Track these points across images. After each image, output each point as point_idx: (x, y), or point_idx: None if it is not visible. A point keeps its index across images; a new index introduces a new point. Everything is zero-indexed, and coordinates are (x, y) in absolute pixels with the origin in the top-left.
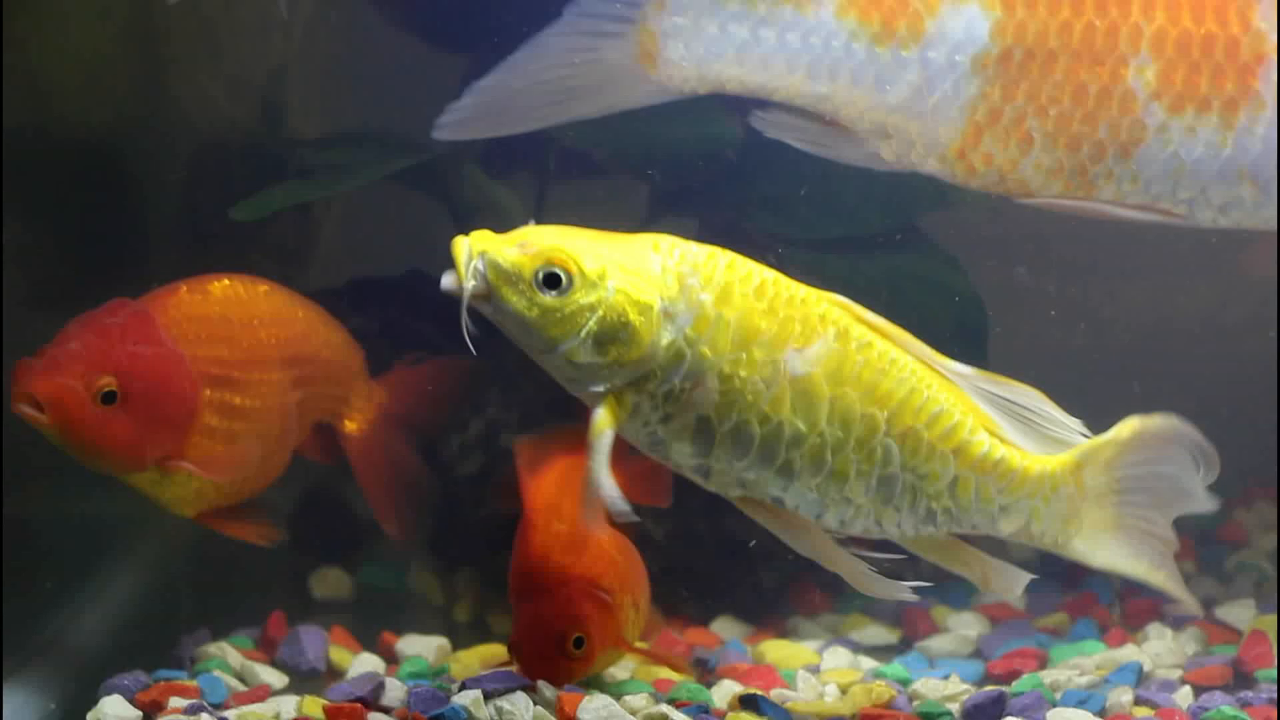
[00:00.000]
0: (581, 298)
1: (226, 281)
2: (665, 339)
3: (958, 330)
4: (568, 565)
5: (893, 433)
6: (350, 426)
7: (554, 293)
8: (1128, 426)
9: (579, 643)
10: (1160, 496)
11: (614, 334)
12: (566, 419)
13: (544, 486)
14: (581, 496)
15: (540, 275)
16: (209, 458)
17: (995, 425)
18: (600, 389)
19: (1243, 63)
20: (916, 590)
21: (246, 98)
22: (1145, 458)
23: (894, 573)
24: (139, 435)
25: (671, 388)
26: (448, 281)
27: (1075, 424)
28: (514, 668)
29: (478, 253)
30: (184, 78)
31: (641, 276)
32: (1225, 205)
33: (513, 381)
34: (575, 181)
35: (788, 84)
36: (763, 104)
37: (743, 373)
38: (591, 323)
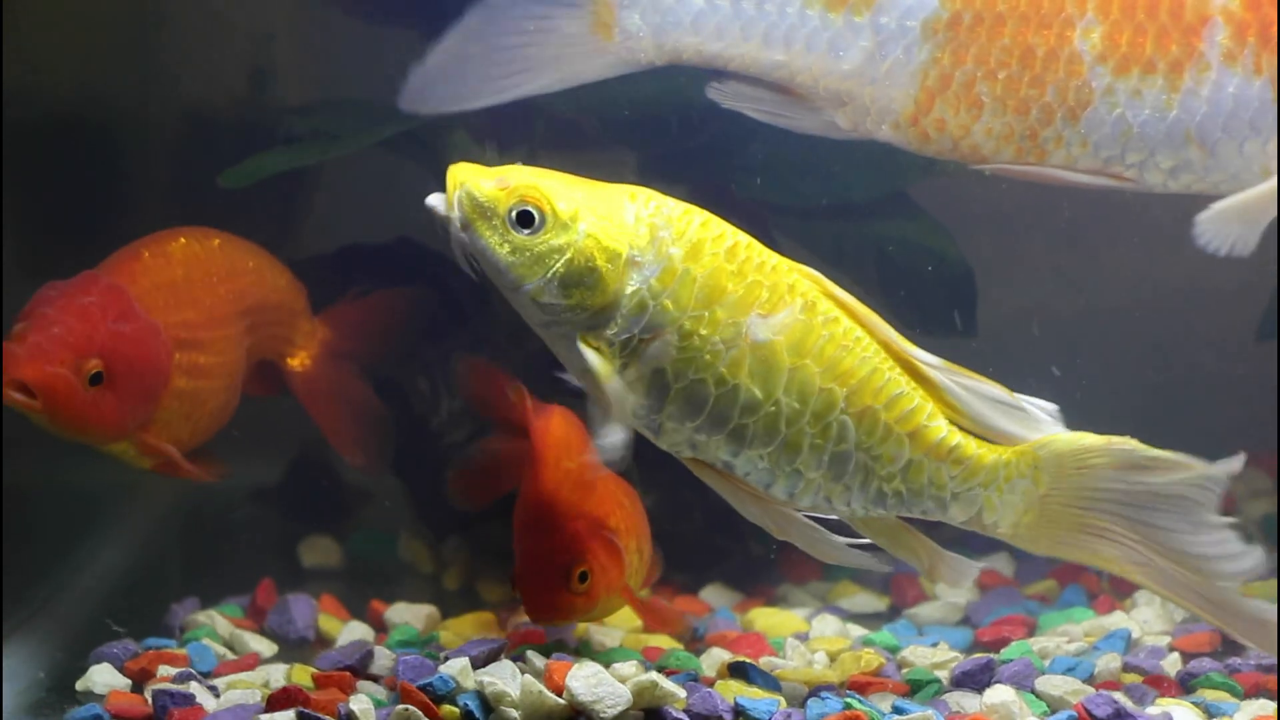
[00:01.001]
0: (552, 238)
1: (183, 240)
2: (630, 288)
3: (947, 297)
4: (576, 502)
5: (850, 410)
6: (294, 363)
7: (526, 231)
8: (1092, 437)
9: (583, 577)
10: (1121, 507)
11: (579, 278)
12: (554, 389)
13: (553, 425)
14: (598, 446)
15: (514, 212)
16: (179, 436)
17: (957, 412)
18: (561, 332)
19: (1187, 24)
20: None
21: (235, 65)
22: (1106, 470)
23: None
24: (122, 410)
25: (630, 337)
26: (433, 200)
27: (1049, 410)
28: (515, 594)
29: (459, 184)
30: (173, 46)
31: (613, 223)
32: (1174, 169)
33: (502, 350)
34: (564, 148)
35: (743, 52)
36: (720, 75)
37: (703, 331)
38: (559, 264)
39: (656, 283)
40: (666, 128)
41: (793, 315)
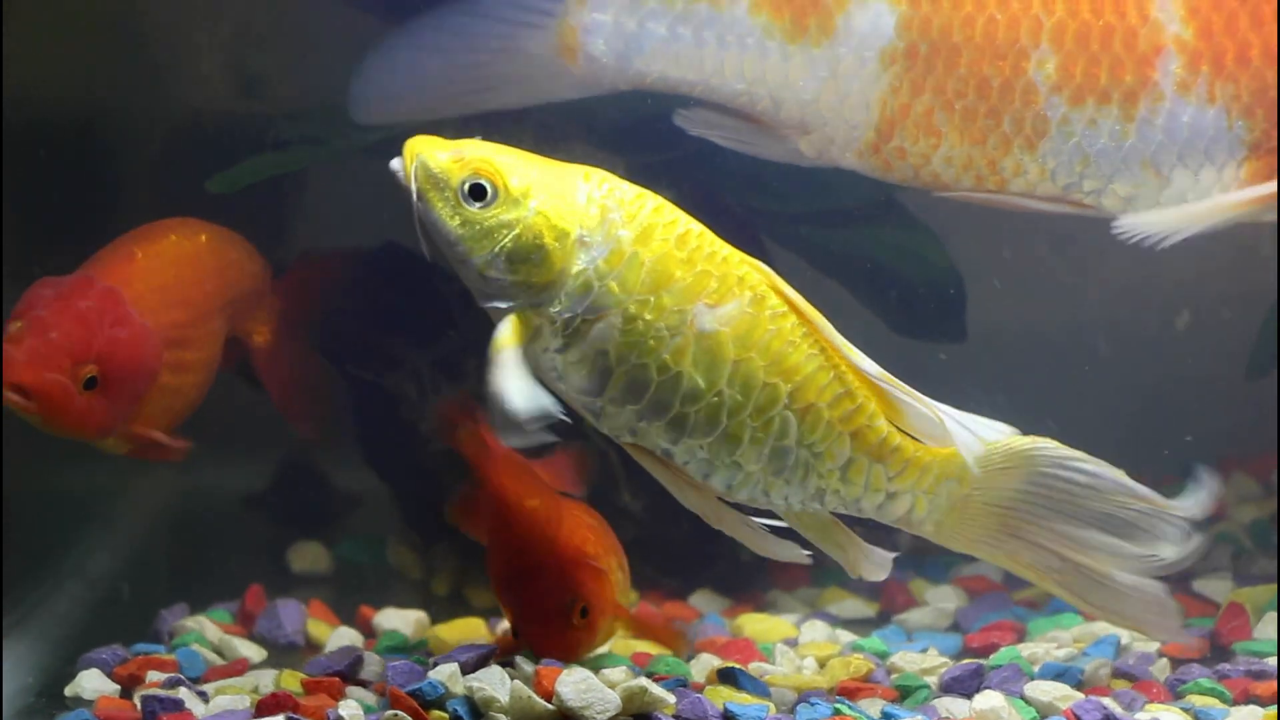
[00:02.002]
0: (502, 213)
1: (173, 238)
2: (576, 267)
3: (936, 303)
4: (551, 539)
5: (794, 406)
6: (259, 340)
7: (477, 204)
8: (1026, 439)
9: (583, 612)
10: (1040, 509)
11: (526, 254)
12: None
13: (503, 470)
14: (490, 415)
15: (466, 185)
16: (158, 425)
17: (898, 413)
18: (504, 305)
19: (1141, 54)
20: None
21: (225, 70)
22: (1027, 471)
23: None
24: (113, 411)
25: (573, 316)
26: (394, 165)
27: (1000, 428)
28: (519, 653)
29: (415, 155)
30: (163, 51)
31: (565, 202)
32: (1131, 196)
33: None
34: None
35: (705, 80)
36: (687, 101)
37: (648, 316)
38: (507, 240)
39: (604, 264)
40: (656, 133)
41: (740, 307)
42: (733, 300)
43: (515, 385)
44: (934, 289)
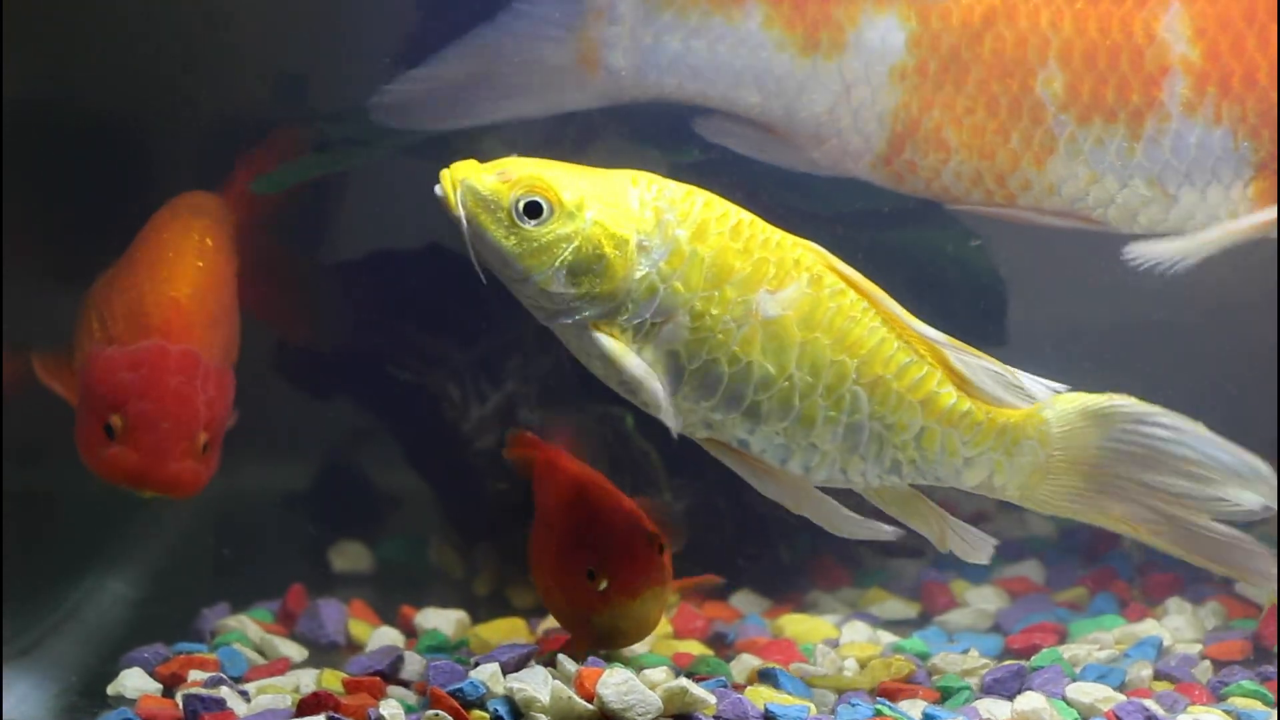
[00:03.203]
0: (559, 228)
1: (190, 253)
2: (639, 273)
3: (977, 306)
4: (615, 492)
5: (862, 380)
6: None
7: (532, 222)
8: (1104, 396)
9: (661, 548)
10: (1124, 462)
11: (588, 266)
12: (583, 393)
13: (564, 448)
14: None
15: (520, 204)
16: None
17: (962, 381)
18: (570, 321)
19: (1147, 74)
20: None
21: (264, 71)
22: (1124, 430)
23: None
24: (217, 455)
25: (642, 321)
26: (440, 192)
27: (1055, 387)
28: (600, 586)
29: (459, 181)
30: (202, 53)
31: (619, 210)
32: (1138, 212)
33: (531, 355)
34: (592, 155)
35: (720, 92)
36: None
37: (714, 311)
38: (567, 253)
39: (665, 266)
40: (694, 135)
41: (800, 289)
42: (792, 283)
43: (645, 372)
44: (974, 291)
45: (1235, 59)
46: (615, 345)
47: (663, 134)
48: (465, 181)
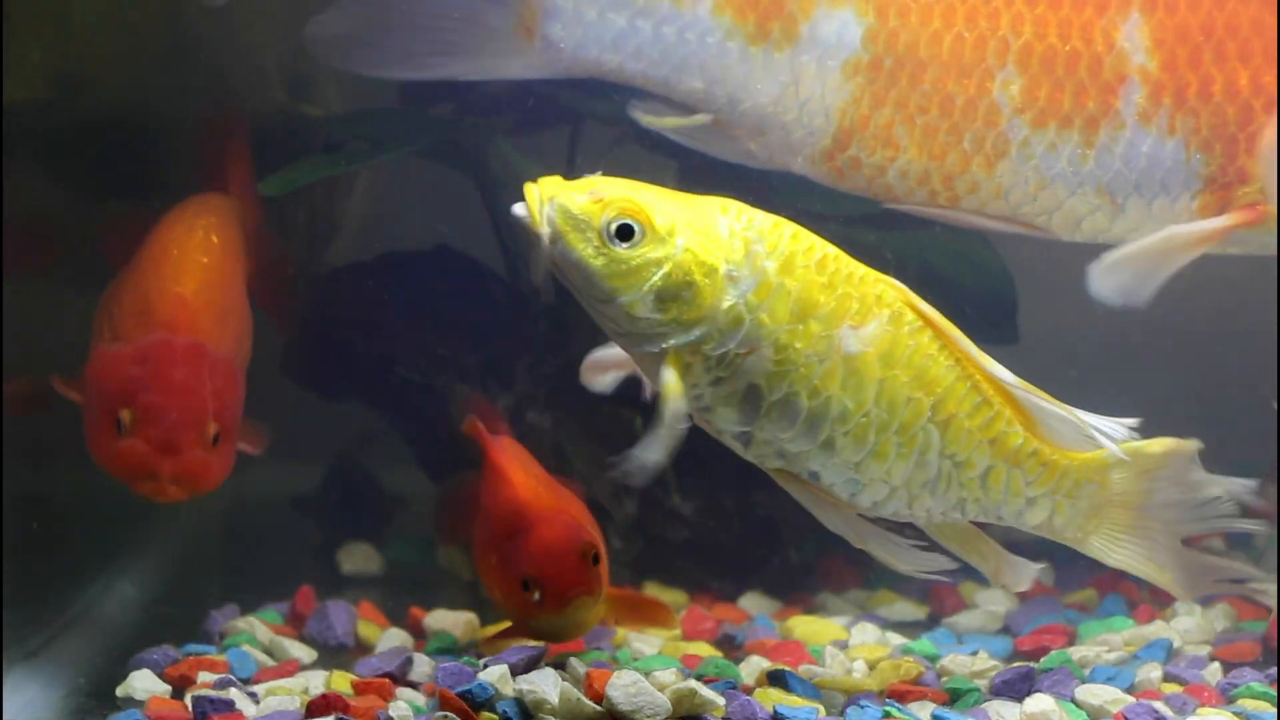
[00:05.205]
0: (650, 251)
1: (205, 261)
2: (726, 303)
3: (987, 306)
4: (558, 499)
5: (936, 418)
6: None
7: (624, 244)
8: (1162, 442)
9: (595, 558)
10: (1184, 512)
11: (677, 292)
12: (592, 395)
13: (508, 447)
14: (637, 460)
15: (612, 225)
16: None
17: (1031, 420)
18: (652, 348)
19: (1105, 81)
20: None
21: (273, 72)
22: (1173, 474)
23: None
24: (230, 449)
25: (726, 352)
26: (519, 210)
27: (1125, 425)
28: (533, 596)
29: (547, 198)
30: (212, 52)
31: (709, 238)
32: (1082, 219)
33: (540, 357)
34: (603, 156)
35: (662, 76)
36: (642, 94)
37: (798, 344)
38: (656, 278)
39: (753, 297)
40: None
41: (881, 326)
42: (874, 320)
43: (668, 445)
44: (986, 291)
45: (1192, 71)
46: (674, 381)
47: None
48: (556, 200)
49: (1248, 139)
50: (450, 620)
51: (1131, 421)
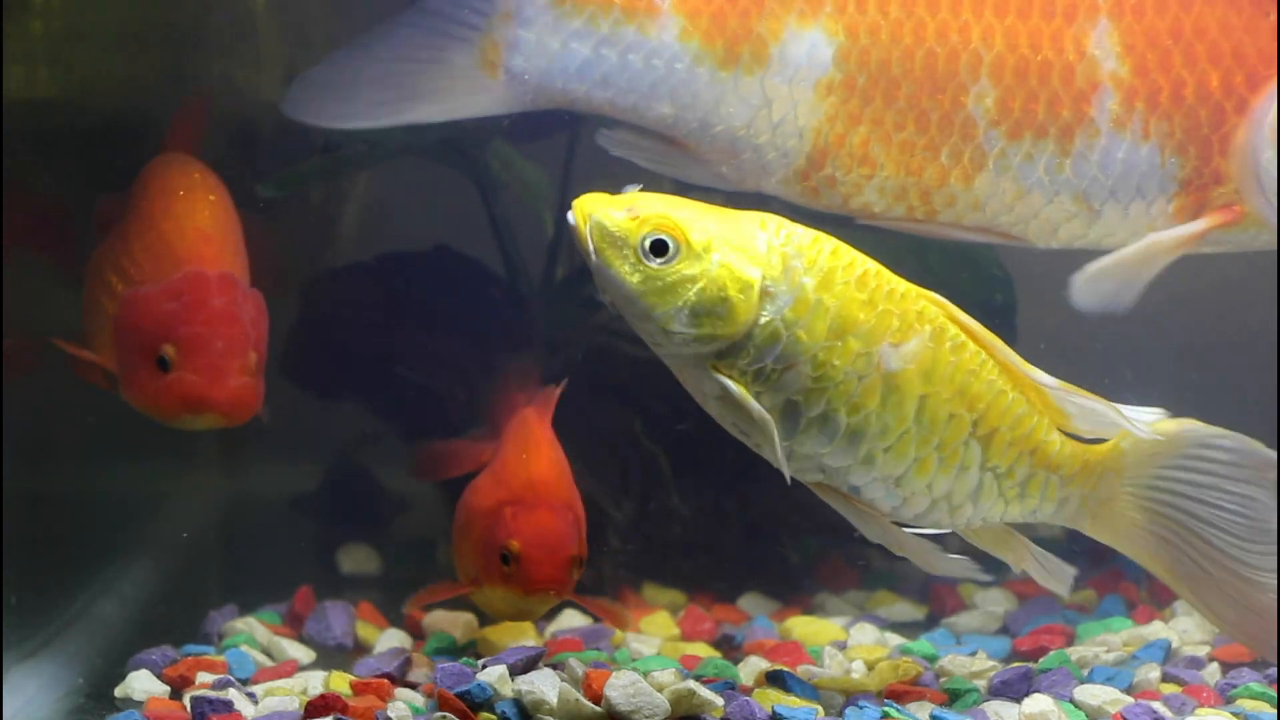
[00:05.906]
0: (685, 268)
1: (213, 198)
2: (763, 319)
3: (986, 305)
4: (571, 496)
5: (978, 434)
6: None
7: (659, 260)
8: (1175, 424)
9: (579, 565)
10: (1185, 499)
11: (711, 308)
12: (601, 396)
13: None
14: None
15: (647, 242)
16: None
17: (1064, 416)
18: (693, 362)
19: (1078, 89)
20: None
21: (273, 73)
22: (1187, 458)
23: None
24: (262, 380)
25: (763, 367)
26: (574, 219)
27: (1154, 415)
28: (506, 569)
29: (589, 215)
30: (211, 54)
31: (746, 253)
32: (1059, 226)
33: (540, 360)
34: (601, 158)
35: (630, 104)
36: (609, 122)
37: (836, 361)
38: (691, 294)
39: (790, 313)
40: None
41: (922, 343)
42: (915, 337)
43: (771, 437)
44: (985, 293)
45: (1163, 75)
46: (737, 389)
47: None
48: (594, 217)
49: (1221, 140)
50: (449, 621)
51: (1159, 412)
